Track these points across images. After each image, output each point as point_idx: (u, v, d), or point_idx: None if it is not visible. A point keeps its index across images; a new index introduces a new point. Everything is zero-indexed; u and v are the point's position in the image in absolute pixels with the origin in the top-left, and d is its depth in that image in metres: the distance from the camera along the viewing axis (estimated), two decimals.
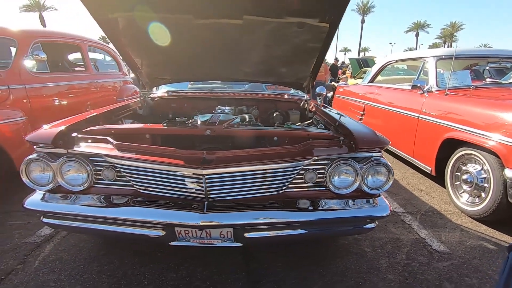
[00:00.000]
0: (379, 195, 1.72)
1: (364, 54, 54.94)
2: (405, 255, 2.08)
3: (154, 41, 1.97)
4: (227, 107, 2.58)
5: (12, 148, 2.79)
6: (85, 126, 1.80)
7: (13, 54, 3.22)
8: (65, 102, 3.65)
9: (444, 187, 3.18)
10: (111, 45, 3.65)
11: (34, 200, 1.65)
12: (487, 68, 3.97)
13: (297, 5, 1.74)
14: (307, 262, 1.97)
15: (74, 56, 5.08)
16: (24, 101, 3.08)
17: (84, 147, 1.60)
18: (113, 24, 1.87)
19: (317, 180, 1.65)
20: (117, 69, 5.20)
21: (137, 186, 1.62)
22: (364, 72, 11.42)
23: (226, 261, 1.96)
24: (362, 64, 13.42)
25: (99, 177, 1.64)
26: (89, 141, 1.64)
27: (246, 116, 2.21)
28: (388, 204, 1.68)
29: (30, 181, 1.62)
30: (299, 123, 2.51)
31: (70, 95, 3.78)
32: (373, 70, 5.03)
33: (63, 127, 1.65)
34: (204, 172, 1.45)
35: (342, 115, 2.13)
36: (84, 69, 4.22)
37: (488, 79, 3.77)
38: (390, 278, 1.84)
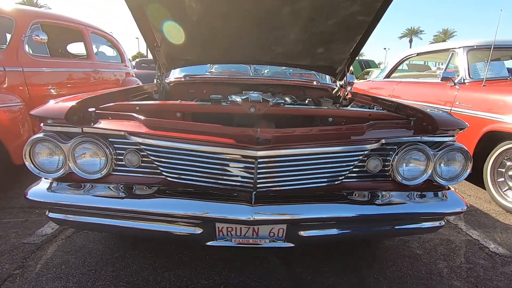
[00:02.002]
0: (449, 188, 1.47)
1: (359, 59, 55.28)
2: (464, 258, 1.83)
3: (181, 10, 1.70)
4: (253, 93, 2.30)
5: (8, 137, 2.46)
6: (102, 103, 1.51)
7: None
8: (65, 91, 3.32)
9: (478, 185, 2.97)
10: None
11: (39, 190, 1.33)
12: None
13: None
14: (356, 267, 1.70)
15: (75, 48, 4.74)
16: (22, 85, 2.75)
17: (103, 125, 1.31)
18: None
19: (382, 168, 1.39)
20: (120, 60, 4.89)
21: (166, 174, 1.33)
22: (367, 73, 11.32)
23: (262, 265, 1.68)
24: (364, 65, 13.33)
25: (120, 162, 1.35)
26: (110, 118, 1.35)
27: (287, 98, 1.94)
28: (462, 198, 1.43)
29: (35, 167, 1.31)
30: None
31: (71, 83, 3.46)
32: (389, 65, 4.83)
33: (75, 102, 1.35)
34: (259, 153, 1.17)
35: (395, 100, 1.87)
36: (86, 56, 3.90)
37: None
38: (457, 285, 1.59)
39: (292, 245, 1.32)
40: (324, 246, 1.86)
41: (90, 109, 1.35)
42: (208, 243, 1.32)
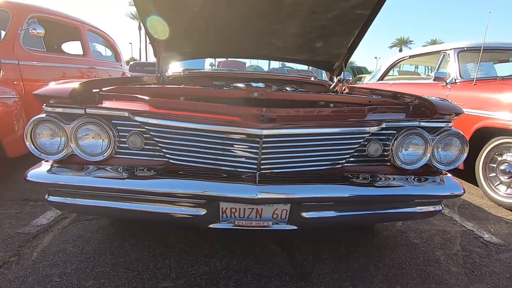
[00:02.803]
0: (446, 173, 1.51)
1: None
2: (460, 247, 1.86)
3: (185, 1, 1.72)
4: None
5: (3, 129, 2.43)
6: (105, 86, 1.50)
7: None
8: None
9: (470, 182, 3.03)
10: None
11: (39, 172, 1.30)
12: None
13: None
14: (355, 254, 1.71)
15: (71, 46, 4.69)
16: (17, 79, 2.72)
17: (107, 105, 1.31)
18: None
19: (382, 153, 1.42)
20: (115, 59, 4.87)
21: (169, 156, 1.33)
22: (359, 79, 11.52)
23: (262, 252, 1.68)
24: (356, 71, 13.58)
25: (123, 145, 1.35)
26: (113, 99, 1.35)
27: (288, 88, 1.97)
28: (459, 182, 1.46)
29: (36, 148, 1.30)
30: None
31: (66, 79, 3.43)
32: (382, 68, 4.95)
33: (79, 83, 1.35)
34: (264, 132, 1.19)
35: (393, 90, 1.92)
36: (82, 54, 3.88)
37: None
38: (455, 270, 1.61)
39: (295, 227, 1.33)
40: (324, 233, 1.87)
41: (94, 90, 1.35)
42: (211, 226, 1.31)
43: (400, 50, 60.97)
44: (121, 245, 1.69)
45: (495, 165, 2.63)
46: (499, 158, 2.59)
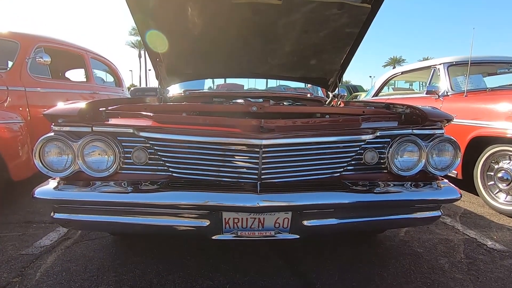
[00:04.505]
0: (442, 178, 1.55)
1: None
2: (463, 254, 1.86)
3: (185, 24, 1.84)
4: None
5: (8, 153, 2.48)
6: (110, 105, 1.57)
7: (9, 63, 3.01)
8: None
9: (470, 191, 3.05)
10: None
11: (46, 189, 1.34)
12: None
13: None
14: (359, 265, 1.71)
15: (76, 74, 4.86)
16: (23, 104, 2.82)
17: (113, 123, 1.37)
18: (144, 4, 1.74)
19: (378, 161, 1.46)
20: (116, 85, 5.02)
21: (173, 169, 1.38)
22: (355, 97, 11.75)
23: (266, 265, 1.68)
24: (351, 90, 13.85)
25: (128, 160, 1.40)
26: (119, 116, 1.42)
27: (285, 102, 2.05)
28: (455, 187, 1.50)
29: (44, 166, 1.34)
30: None
31: None
32: (376, 85, 5.09)
33: (85, 103, 1.42)
34: (264, 142, 1.24)
35: (385, 101, 2.00)
36: (85, 80, 4.02)
37: None
38: (459, 277, 1.61)
39: (297, 236, 1.34)
40: (327, 244, 1.88)
41: (101, 109, 1.42)
42: (215, 237, 1.33)
43: (394, 69, 62.72)
44: (124, 262, 1.69)
45: (492, 173, 2.66)
46: (496, 166, 2.63)
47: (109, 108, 1.51)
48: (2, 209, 2.46)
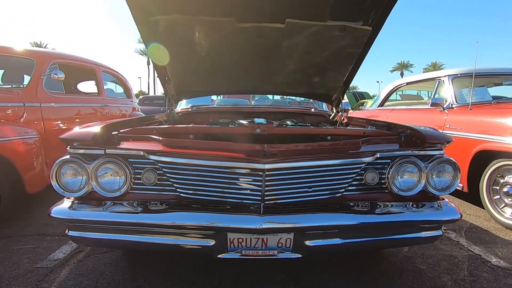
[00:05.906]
0: (443, 198, 1.58)
1: None
2: (467, 271, 1.87)
3: (192, 45, 1.93)
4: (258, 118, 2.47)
5: (23, 167, 2.59)
6: (122, 128, 1.66)
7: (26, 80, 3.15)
8: (77, 124, 3.50)
9: (476, 205, 3.04)
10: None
11: (61, 209, 1.43)
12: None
13: (341, 8, 1.74)
14: (362, 281, 1.74)
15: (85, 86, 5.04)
16: (38, 119, 2.95)
17: (125, 146, 1.45)
18: (153, 27, 1.83)
19: (379, 181, 1.51)
20: (127, 96, 5.17)
21: (180, 190, 1.45)
22: (362, 104, 11.74)
23: (271, 282, 1.72)
24: (358, 97, 13.84)
25: (138, 181, 1.47)
26: (130, 140, 1.50)
27: (288, 122, 2.11)
28: (456, 207, 1.53)
29: (60, 187, 1.43)
30: None
31: (82, 117, 3.66)
32: (381, 94, 5.12)
33: (100, 127, 1.51)
34: (266, 166, 1.30)
35: (386, 121, 2.04)
36: (97, 93, 4.17)
37: None
38: None
39: (300, 255, 1.39)
40: (330, 261, 1.91)
41: (113, 132, 1.50)
42: (220, 256, 1.39)
43: (402, 74, 62.13)
44: (133, 277, 1.76)
45: (498, 188, 2.65)
46: (502, 180, 2.62)
47: (121, 131, 1.60)
48: (17, 221, 2.56)
